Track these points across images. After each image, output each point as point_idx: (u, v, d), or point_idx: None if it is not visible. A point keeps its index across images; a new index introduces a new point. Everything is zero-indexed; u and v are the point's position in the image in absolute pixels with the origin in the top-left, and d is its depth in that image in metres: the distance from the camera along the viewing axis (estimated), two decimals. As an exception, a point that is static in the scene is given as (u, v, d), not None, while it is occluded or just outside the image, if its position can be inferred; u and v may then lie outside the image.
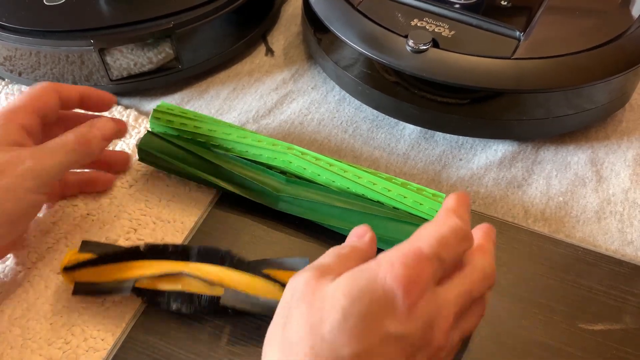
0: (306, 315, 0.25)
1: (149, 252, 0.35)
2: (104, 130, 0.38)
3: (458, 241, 0.27)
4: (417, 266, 0.25)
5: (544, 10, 0.45)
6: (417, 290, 0.25)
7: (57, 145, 0.36)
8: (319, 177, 0.39)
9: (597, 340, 0.34)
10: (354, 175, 0.39)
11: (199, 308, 0.34)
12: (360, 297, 0.24)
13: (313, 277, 0.26)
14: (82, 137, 0.37)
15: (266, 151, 0.40)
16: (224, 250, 0.35)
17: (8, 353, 0.34)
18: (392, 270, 0.25)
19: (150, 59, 0.48)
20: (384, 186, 0.38)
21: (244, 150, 0.41)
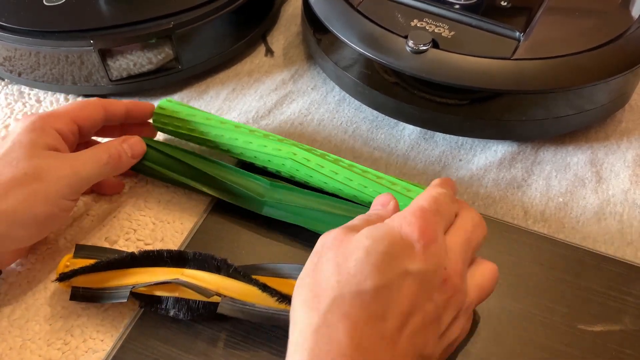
0: (333, 257, 0.28)
1: (145, 258, 0.35)
2: (134, 149, 0.40)
3: (448, 202, 0.31)
4: (425, 216, 0.29)
5: (543, 11, 0.45)
6: (429, 233, 0.28)
7: (92, 156, 0.37)
8: (312, 178, 0.40)
9: (596, 341, 0.34)
10: (330, 171, 0.39)
11: (196, 314, 0.34)
12: (382, 239, 0.28)
13: (342, 232, 0.29)
14: (115, 153, 0.38)
15: (259, 153, 0.41)
16: (219, 259, 0.35)
17: (7, 354, 0.34)
18: (406, 221, 0.29)
19: (150, 59, 0.48)
20: (360, 182, 0.38)
21: (237, 152, 0.41)
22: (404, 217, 0.29)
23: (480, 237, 0.32)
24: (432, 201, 0.30)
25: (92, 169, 0.37)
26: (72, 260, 0.36)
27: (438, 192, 0.31)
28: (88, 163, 0.37)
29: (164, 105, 0.43)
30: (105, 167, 0.38)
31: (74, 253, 0.36)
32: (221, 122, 0.42)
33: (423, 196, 0.31)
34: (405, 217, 0.29)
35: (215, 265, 0.34)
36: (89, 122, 0.39)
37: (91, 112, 0.39)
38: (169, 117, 0.43)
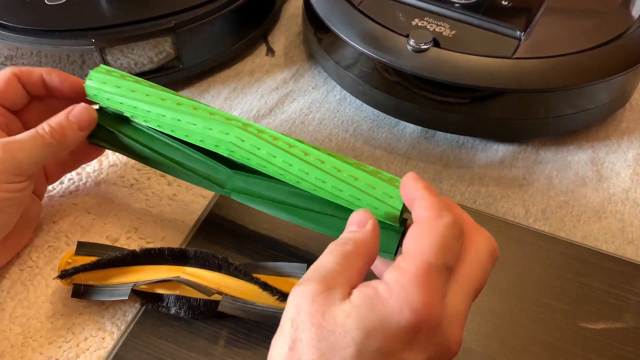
0: (316, 341, 0.23)
1: (146, 256, 0.35)
2: (81, 120, 0.36)
3: (456, 239, 0.26)
4: (432, 286, 0.24)
5: (544, 10, 0.45)
6: (435, 317, 0.24)
7: (30, 138, 0.34)
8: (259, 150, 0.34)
9: (597, 339, 0.34)
10: (300, 151, 0.33)
11: (197, 313, 0.34)
12: (376, 332, 0.23)
13: (319, 294, 0.24)
14: (57, 129, 0.35)
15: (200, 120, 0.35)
16: (220, 257, 0.34)
17: (9, 351, 0.34)
18: (408, 298, 0.23)
19: (151, 58, 0.48)
20: (334, 165, 0.32)
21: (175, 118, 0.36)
22: (406, 293, 0.23)
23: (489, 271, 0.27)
24: (442, 251, 0.25)
25: (32, 150, 0.34)
26: (73, 257, 0.36)
27: (446, 228, 0.26)
28: (26, 145, 0.34)
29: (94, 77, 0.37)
30: (48, 147, 0.34)
31: (76, 250, 0.36)
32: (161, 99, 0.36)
33: (430, 239, 0.25)
34: (407, 294, 0.23)
35: (217, 264, 0.34)
36: (8, 97, 0.36)
37: (6, 87, 0.36)
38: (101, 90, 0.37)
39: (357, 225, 0.28)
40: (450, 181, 0.44)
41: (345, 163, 0.32)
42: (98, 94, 0.37)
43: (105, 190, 0.43)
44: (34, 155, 0.34)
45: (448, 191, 0.43)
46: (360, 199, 0.32)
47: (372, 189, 0.31)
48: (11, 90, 0.37)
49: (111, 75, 0.38)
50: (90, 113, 0.37)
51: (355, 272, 0.26)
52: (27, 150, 0.34)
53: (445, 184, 0.44)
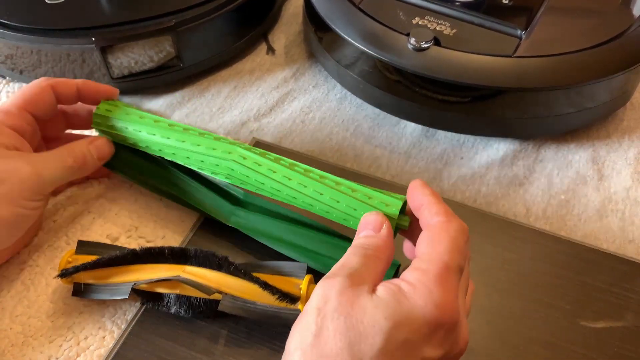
0: (344, 329, 0.24)
1: (146, 255, 0.35)
2: (101, 151, 0.39)
3: (465, 243, 0.28)
4: (451, 286, 0.26)
5: (545, 9, 0.45)
6: (455, 316, 0.25)
7: (55, 159, 0.37)
8: (263, 185, 0.35)
9: (598, 338, 0.34)
10: (298, 184, 0.34)
11: (197, 312, 0.34)
12: (402, 324, 0.24)
13: (348, 286, 0.25)
14: (80, 155, 0.38)
15: (207, 158, 0.37)
16: (221, 256, 0.34)
17: (9, 350, 0.34)
18: (432, 296, 0.25)
19: (151, 57, 0.48)
20: (332, 197, 0.33)
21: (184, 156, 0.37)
22: (430, 292, 0.25)
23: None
24: (457, 254, 0.27)
25: (56, 171, 0.36)
26: (74, 256, 0.36)
27: (457, 233, 0.28)
28: (51, 165, 0.36)
29: (101, 106, 0.40)
30: (69, 169, 0.37)
31: (76, 249, 0.36)
32: (155, 121, 0.38)
33: (444, 244, 0.27)
34: (431, 293, 0.25)
35: (217, 263, 0.34)
36: (42, 106, 0.38)
37: (41, 96, 0.38)
38: (104, 117, 0.39)
39: (373, 229, 0.30)
40: (450, 180, 0.44)
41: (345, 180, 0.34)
42: (102, 121, 0.40)
43: (105, 189, 0.43)
44: (56, 176, 0.36)
45: (449, 190, 0.43)
46: (356, 209, 0.32)
47: (368, 199, 0.32)
48: (46, 101, 0.38)
49: (117, 106, 0.40)
50: (110, 146, 0.40)
51: (377, 273, 0.27)
52: (51, 169, 0.36)
53: (445, 182, 0.44)
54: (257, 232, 0.38)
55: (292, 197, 0.34)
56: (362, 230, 0.30)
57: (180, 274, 0.34)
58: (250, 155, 0.36)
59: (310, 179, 0.34)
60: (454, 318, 0.25)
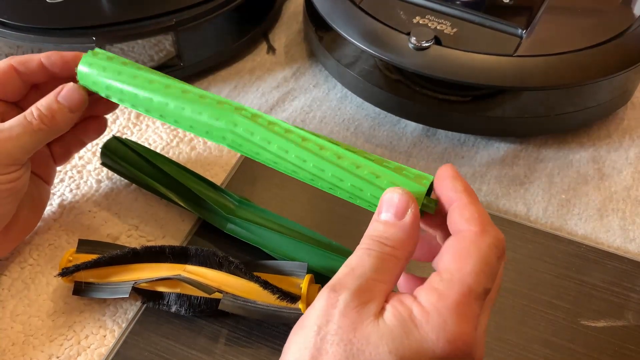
0: (344, 358, 0.22)
1: (147, 254, 0.35)
2: (71, 101, 0.34)
3: (498, 260, 0.24)
4: (471, 316, 0.23)
5: (545, 8, 0.45)
6: (470, 346, 0.22)
7: (18, 126, 0.33)
8: (269, 145, 0.30)
9: (599, 337, 0.34)
10: (315, 145, 0.29)
11: (198, 311, 0.34)
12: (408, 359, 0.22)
13: (353, 307, 0.23)
14: (46, 113, 0.33)
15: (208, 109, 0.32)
16: (221, 255, 0.34)
17: (10, 349, 0.34)
18: (446, 328, 0.22)
19: (151, 56, 0.48)
20: (353, 161, 0.28)
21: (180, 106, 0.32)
22: (445, 323, 0.22)
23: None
24: (484, 276, 0.23)
25: (21, 139, 0.33)
26: (74, 255, 0.36)
27: (490, 249, 0.24)
28: (14, 134, 0.33)
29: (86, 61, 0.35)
30: (37, 133, 0.33)
31: (77, 248, 0.36)
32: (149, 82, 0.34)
33: (472, 263, 0.23)
34: (445, 323, 0.22)
35: (217, 262, 0.34)
36: (7, 89, 0.35)
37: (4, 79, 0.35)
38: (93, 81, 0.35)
39: (395, 213, 0.25)
40: (451, 179, 0.44)
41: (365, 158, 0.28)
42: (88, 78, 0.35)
43: (106, 188, 0.43)
44: (24, 143, 0.33)
45: (449, 189, 0.43)
46: (363, 189, 0.28)
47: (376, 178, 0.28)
48: (8, 82, 0.35)
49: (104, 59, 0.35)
50: (81, 93, 0.35)
51: (392, 280, 0.24)
52: (16, 138, 0.33)
53: (446, 182, 0.44)
54: (252, 240, 0.38)
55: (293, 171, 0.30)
56: (382, 212, 0.25)
57: (181, 273, 0.34)
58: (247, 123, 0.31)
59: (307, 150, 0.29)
60: (467, 351, 0.22)
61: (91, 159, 0.45)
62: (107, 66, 0.34)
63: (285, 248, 0.37)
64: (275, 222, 0.38)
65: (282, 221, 0.38)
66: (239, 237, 0.38)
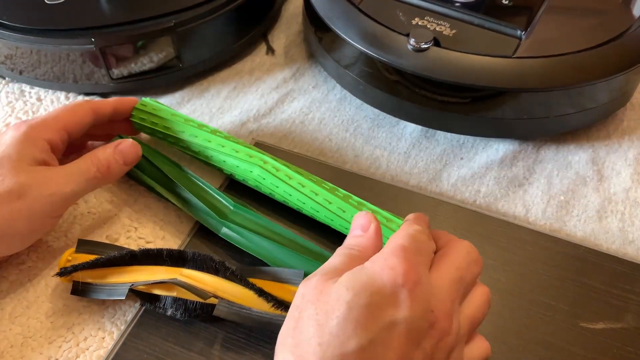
0: (314, 314, 0.26)
1: (144, 257, 0.35)
2: (127, 156, 0.38)
3: (426, 240, 0.29)
4: (407, 256, 0.26)
5: (545, 9, 0.45)
6: (413, 276, 0.26)
7: (79, 170, 0.36)
8: (277, 188, 0.38)
9: (598, 339, 0.34)
10: (310, 191, 0.37)
11: (193, 315, 0.34)
12: (363, 289, 0.25)
13: (321, 280, 0.27)
14: (104, 164, 0.37)
15: (229, 157, 0.40)
16: (218, 260, 0.34)
17: (8, 351, 0.34)
18: (388, 263, 0.26)
19: (151, 57, 0.48)
20: (339, 206, 0.37)
21: (208, 154, 0.40)
22: (385, 260, 0.26)
23: (476, 273, 0.29)
24: (411, 239, 0.28)
25: (78, 184, 0.35)
26: (74, 254, 0.36)
27: (415, 229, 0.29)
28: (74, 178, 0.35)
29: (145, 102, 0.43)
30: (92, 180, 0.36)
31: (76, 248, 0.36)
32: (199, 125, 0.41)
33: (399, 234, 0.28)
34: (386, 260, 0.26)
35: (214, 267, 0.34)
36: (79, 127, 0.38)
37: (81, 117, 0.38)
38: (149, 113, 0.42)
39: (361, 229, 0.31)
40: (450, 181, 0.44)
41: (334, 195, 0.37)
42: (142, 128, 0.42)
43: (105, 189, 0.43)
44: (81, 189, 0.36)
45: (448, 191, 0.43)
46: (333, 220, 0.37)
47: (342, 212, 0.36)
48: (85, 124, 0.39)
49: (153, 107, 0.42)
50: (137, 149, 0.39)
51: None
52: (74, 183, 0.35)
53: (445, 183, 0.43)
54: (245, 246, 0.37)
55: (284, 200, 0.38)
56: (352, 230, 0.31)
57: (177, 277, 0.34)
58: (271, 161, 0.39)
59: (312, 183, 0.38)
60: (412, 279, 0.26)
61: (90, 160, 0.45)
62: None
63: (277, 256, 0.37)
64: (270, 229, 0.38)
65: (276, 228, 0.38)
66: (233, 242, 0.38)
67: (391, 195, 0.42)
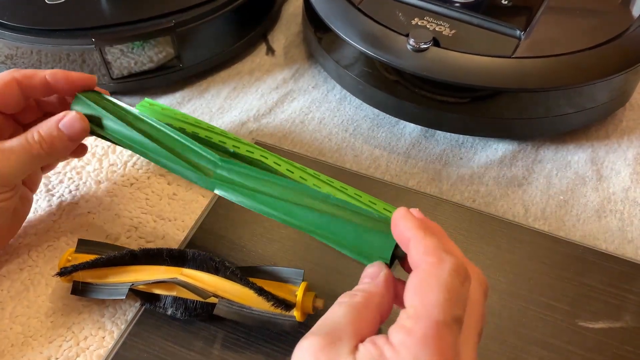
0: None
1: (144, 256, 0.35)
2: (73, 130, 0.34)
3: (462, 285, 0.24)
4: (443, 346, 0.22)
5: (544, 10, 0.45)
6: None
7: (19, 147, 0.33)
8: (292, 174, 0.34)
9: (597, 339, 0.34)
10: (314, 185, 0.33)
11: (193, 314, 0.34)
12: None
13: (322, 348, 0.23)
14: (47, 139, 0.34)
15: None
16: (218, 260, 0.35)
17: (9, 351, 0.34)
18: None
19: (151, 57, 0.48)
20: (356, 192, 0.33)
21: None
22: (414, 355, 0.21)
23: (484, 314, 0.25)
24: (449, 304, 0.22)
25: (21, 161, 0.33)
26: (73, 255, 0.36)
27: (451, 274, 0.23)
28: (13, 156, 0.33)
29: (149, 101, 0.39)
30: (36, 157, 0.33)
31: (76, 248, 0.36)
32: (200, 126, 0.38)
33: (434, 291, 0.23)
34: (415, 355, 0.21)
35: (214, 266, 0.34)
36: (5, 100, 0.35)
37: (5, 91, 0.35)
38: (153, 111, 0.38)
39: (370, 277, 0.27)
40: (449, 180, 0.44)
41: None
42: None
43: (105, 189, 0.43)
44: (22, 165, 0.33)
45: (447, 190, 0.43)
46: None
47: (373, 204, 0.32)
48: (8, 95, 0.35)
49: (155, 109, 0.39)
50: (83, 123, 0.35)
51: (364, 323, 0.24)
52: (14, 160, 0.33)
53: (444, 183, 0.44)
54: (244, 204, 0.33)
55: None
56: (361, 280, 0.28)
57: (178, 277, 0.34)
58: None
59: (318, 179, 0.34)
60: None
61: (90, 160, 0.45)
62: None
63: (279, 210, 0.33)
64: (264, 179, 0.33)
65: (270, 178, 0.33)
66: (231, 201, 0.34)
67: (391, 194, 0.42)
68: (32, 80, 0.35)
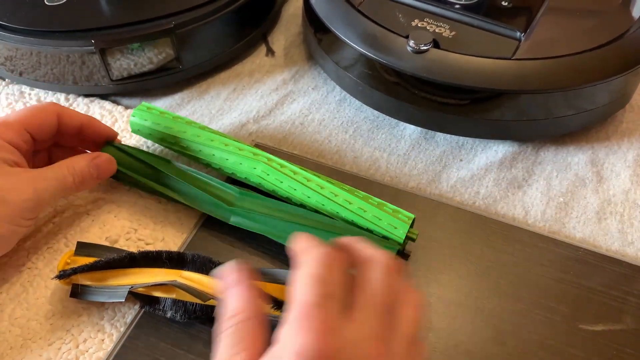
0: None
1: (144, 259, 0.35)
2: (101, 170, 0.39)
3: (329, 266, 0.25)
4: (315, 324, 0.23)
5: (544, 11, 0.45)
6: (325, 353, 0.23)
7: (55, 177, 0.36)
8: (281, 184, 0.39)
9: (597, 341, 0.34)
10: (316, 185, 0.38)
11: (193, 317, 0.34)
12: None
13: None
14: (79, 174, 0.37)
15: (232, 155, 0.40)
16: (217, 262, 0.35)
17: (8, 353, 0.34)
18: (292, 345, 0.23)
19: (150, 59, 0.48)
20: (345, 198, 0.37)
21: (210, 153, 0.41)
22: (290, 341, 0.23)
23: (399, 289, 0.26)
24: (313, 285, 0.24)
25: (55, 190, 0.36)
26: (72, 257, 0.36)
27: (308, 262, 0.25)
28: (51, 184, 0.36)
29: (147, 105, 0.43)
30: (67, 189, 0.37)
31: (75, 251, 0.36)
32: (200, 127, 0.42)
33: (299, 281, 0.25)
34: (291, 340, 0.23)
35: (214, 269, 0.34)
36: (42, 129, 0.38)
37: (44, 119, 0.38)
38: (151, 114, 0.42)
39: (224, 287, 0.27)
40: (449, 182, 0.44)
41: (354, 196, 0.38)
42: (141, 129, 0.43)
43: (104, 191, 0.43)
44: (55, 194, 0.36)
45: (447, 192, 0.43)
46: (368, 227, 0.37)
47: (379, 220, 0.36)
48: (47, 125, 0.38)
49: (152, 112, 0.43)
50: (112, 165, 0.40)
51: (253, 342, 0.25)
52: (51, 188, 0.36)
53: (444, 185, 0.44)
54: (257, 229, 0.38)
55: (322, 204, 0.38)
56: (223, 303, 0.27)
57: (177, 279, 0.34)
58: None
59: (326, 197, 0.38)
60: (324, 351, 0.22)
61: (90, 161, 0.45)
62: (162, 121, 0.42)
63: (290, 232, 0.35)
64: (279, 208, 0.38)
65: (285, 207, 0.38)
66: (244, 228, 0.38)
67: (390, 196, 0.42)
68: (71, 120, 0.39)
